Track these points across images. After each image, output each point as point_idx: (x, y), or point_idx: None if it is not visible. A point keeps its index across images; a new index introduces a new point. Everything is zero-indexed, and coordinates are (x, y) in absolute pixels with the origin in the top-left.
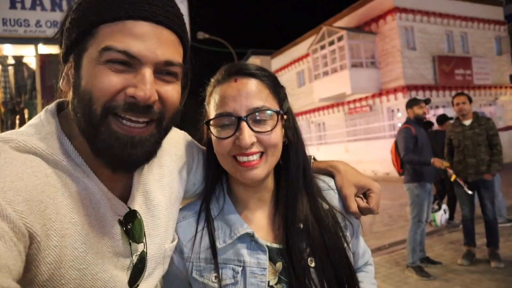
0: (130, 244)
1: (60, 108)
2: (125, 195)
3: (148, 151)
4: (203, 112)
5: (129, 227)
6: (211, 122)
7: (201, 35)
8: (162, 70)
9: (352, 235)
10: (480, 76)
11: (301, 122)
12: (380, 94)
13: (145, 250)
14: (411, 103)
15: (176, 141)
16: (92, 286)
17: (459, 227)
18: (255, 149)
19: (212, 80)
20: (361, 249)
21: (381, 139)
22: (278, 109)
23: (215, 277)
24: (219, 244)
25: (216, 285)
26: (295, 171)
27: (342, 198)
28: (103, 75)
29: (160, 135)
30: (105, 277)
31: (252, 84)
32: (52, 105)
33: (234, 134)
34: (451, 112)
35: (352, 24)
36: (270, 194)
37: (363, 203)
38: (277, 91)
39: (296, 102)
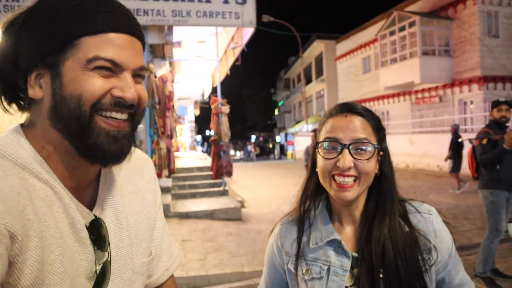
0: (95, 252)
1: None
2: (92, 205)
3: (129, 144)
4: (316, 133)
5: (94, 233)
6: (320, 144)
7: (266, 18)
8: (136, 74)
9: (437, 258)
10: None
11: None
12: (452, 85)
13: (108, 259)
14: (492, 105)
15: (149, 163)
16: None
17: None
18: (351, 172)
19: (326, 113)
20: (458, 279)
21: (450, 133)
22: (376, 144)
23: (306, 270)
24: (312, 245)
25: (306, 277)
26: (387, 200)
27: None
28: (93, 79)
29: (134, 129)
30: (81, 282)
31: (359, 121)
32: (17, 124)
33: (337, 157)
34: None
35: (427, 8)
36: (359, 213)
37: None
38: (379, 130)
39: (360, 89)
